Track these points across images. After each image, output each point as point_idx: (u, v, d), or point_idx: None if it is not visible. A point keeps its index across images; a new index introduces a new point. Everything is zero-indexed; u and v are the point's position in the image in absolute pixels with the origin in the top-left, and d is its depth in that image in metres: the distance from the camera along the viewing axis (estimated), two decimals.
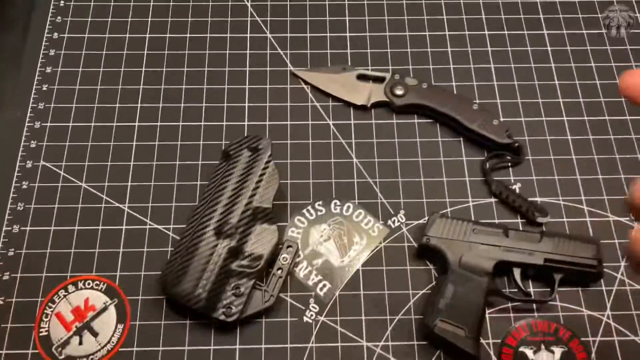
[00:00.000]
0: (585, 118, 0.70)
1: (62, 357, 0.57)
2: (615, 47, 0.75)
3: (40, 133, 0.68)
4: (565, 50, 0.75)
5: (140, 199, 0.65)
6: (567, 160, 0.68)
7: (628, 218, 0.64)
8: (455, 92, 0.71)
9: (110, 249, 0.62)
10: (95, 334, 0.58)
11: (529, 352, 0.58)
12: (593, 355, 0.57)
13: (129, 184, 0.66)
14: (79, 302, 0.59)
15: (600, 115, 0.70)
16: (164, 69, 0.73)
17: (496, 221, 0.64)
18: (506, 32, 0.76)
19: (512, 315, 0.60)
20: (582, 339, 0.58)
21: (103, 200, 0.65)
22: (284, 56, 0.74)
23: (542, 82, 0.72)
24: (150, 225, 0.64)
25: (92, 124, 0.69)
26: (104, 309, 0.59)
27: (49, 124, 0.69)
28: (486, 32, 0.76)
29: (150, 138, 0.68)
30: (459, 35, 0.76)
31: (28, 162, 0.66)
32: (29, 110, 0.70)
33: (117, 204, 0.64)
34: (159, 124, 0.69)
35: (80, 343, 0.57)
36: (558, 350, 0.58)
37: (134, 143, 0.68)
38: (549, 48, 0.75)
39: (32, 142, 0.68)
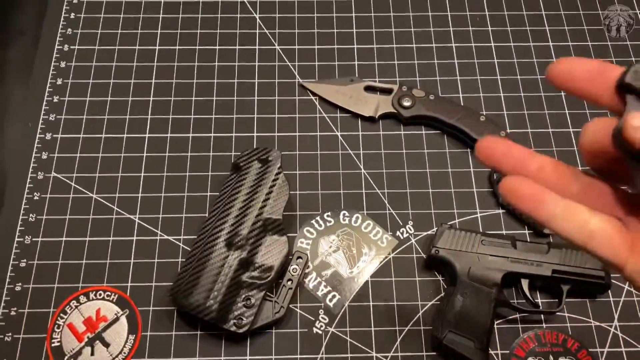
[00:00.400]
0: None
1: None
2: (620, 58, 0.76)
3: (51, 144, 0.69)
4: None
5: (150, 210, 0.66)
6: None
7: None
8: (462, 103, 0.72)
9: (122, 259, 0.63)
10: (107, 345, 0.58)
11: None
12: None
13: (140, 195, 0.66)
14: (90, 313, 0.60)
15: None
16: (174, 81, 0.74)
17: (504, 232, 0.64)
18: (512, 44, 0.77)
19: (520, 326, 0.60)
20: (590, 349, 0.58)
21: (114, 211, 0.65)
22: (292, 68, 0.75)
23: (548, 94, 0.73)
24: (160, 236, 0.64)
25: (103, 135, 0.70)
26: (116, 320, 0.59)
27: (60, 136, 0.70)
28: (492, 44, 0.77)
29: (161, 149, 0.69)
30: (466, 47, 0.76)
31: (39, 173, 0.67)
32: (40, 121, 0.70)
33: (128, 215, 0.65)
34: (169, 135, 0.70)
35: (92, 354, 0.58)
36: None
37: (144, 154, 0.69)
38: (554, 59, 0.75)
39: (44, 153, 0.68)
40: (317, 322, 0.60)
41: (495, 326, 0.59)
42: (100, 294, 0.61)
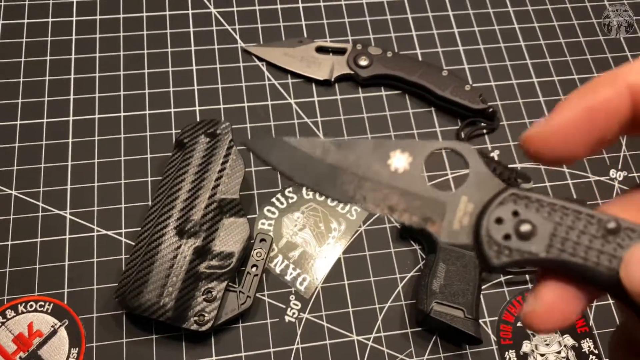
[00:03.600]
0: (555, 78, 0.67)
1: None
2: (580, 21, 0.73)
3: None
4: (527, 10, 0.72)
5: (83, 202, 0.57)
6: None
7: (609, 177, 0.62)
8: (420, 59, 0.67)
9: (54, 263, 0.54)
10: None
11: None
12: (591, 320, 0.55)
13: (69, 186, 0.57)
14: (21, 329, 0.50)
15: (569, 75, 0.68)
16: (97, 55, 0.64)
17: None
18: None
19: (505, 289, 0.56)
20: None
21: (39, 208, 0.56)
22: (232, 32, 0.67)
23: (507, 44, 0.69)
24: (98, 231, 0.55)
25: (18, 122, 0.60)
26: (53, 333, 0.51)
27: None
28: None
29: (88, 133, 0.60)
30: (418, 0, 0.71)
31: None
32: None
33: (57, 211, 0.56)
34: (96, 116, 0.61)
35: None
36: None
37: (70, 140, 0.59)
38: (509, 8, 0.72)
39: None
40: (289, 309, 0.54)
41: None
42: (31, 305, 0.52)
